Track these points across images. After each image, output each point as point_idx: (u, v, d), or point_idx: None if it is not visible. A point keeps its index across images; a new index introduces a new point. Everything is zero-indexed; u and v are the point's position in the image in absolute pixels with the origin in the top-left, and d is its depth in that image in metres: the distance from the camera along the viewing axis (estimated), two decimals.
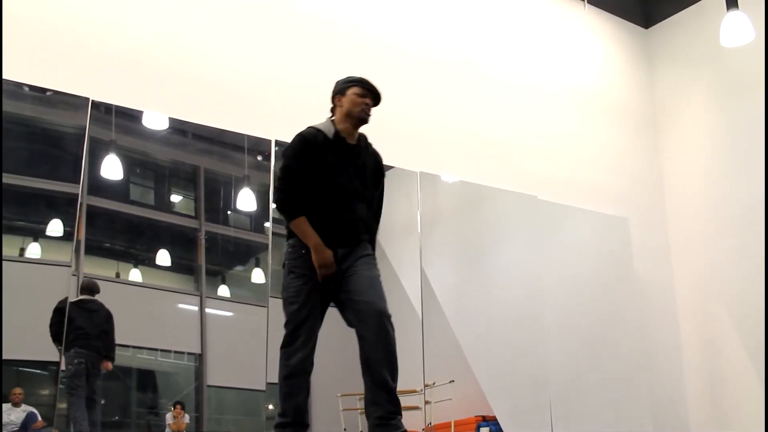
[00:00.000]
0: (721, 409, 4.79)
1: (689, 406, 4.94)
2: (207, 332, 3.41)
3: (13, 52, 3.00)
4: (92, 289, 3.06)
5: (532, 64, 4.81)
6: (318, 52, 3.94)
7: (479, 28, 4.59)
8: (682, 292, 5.17)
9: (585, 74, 5.07)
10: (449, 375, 3.71)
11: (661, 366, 4.84)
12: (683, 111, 5.44)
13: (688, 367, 5.03)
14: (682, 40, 5.48)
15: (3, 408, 2.78)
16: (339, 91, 2.46)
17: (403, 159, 3.97)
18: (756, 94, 4.84)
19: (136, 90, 3.33)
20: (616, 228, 4.82)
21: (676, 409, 4.88)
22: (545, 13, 5.03)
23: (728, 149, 5.06)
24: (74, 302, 2.96)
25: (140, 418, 3.32)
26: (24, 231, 3.06)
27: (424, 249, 3.96)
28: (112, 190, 3.35)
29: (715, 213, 5.03)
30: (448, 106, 4.34)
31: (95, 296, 3.05)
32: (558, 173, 4.75)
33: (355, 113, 2.40)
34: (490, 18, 4.75)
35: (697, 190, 5.22)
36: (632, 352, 4.54)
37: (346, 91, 2.43)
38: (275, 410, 3.54)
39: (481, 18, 4.63)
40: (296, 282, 2.29)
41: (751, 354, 4.63)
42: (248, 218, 3.81)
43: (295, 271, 2.30)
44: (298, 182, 2.30)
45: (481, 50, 4.61)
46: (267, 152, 3.63)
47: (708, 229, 5.06)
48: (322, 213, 2.30)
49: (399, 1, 4.39)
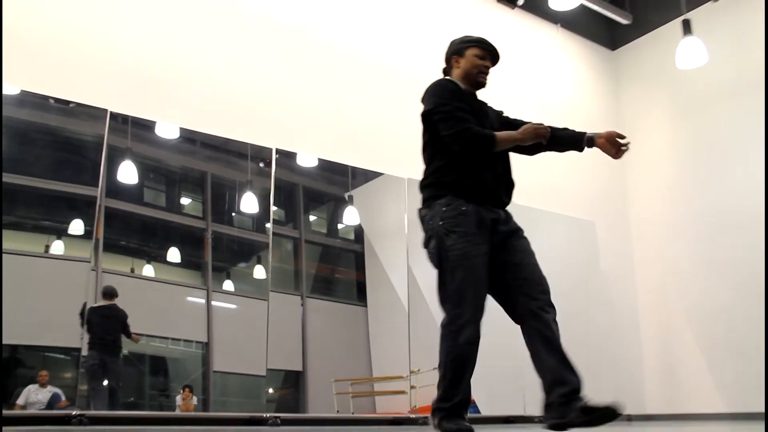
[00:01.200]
0: (674, 394, 5.06)
1: (647, 391, 5.20)
2: (213, 323, 3.55)
3: (40, 69, 3.17)
4: (111, 294, 3.17)
5: (509, 81, 4.99)
6: (314, 70, 4.11)
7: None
8: (643, 289, 5.42)
9: (557, 91, 5.28)
10: (433, 362, 3.79)
11: (623, 355, 5.08)
12: (645, 125, 5.66)
13: (646, 356, 5.29)
14: (644, 61, 5.72)
15: (31, 388, 2.96)
16: (456, 52, 2.14)
17: (391, 166, 4.17)
18: (710, 111, 5.16)
19: (150, 102, 3.47)
20: (584, 231, 5.04)
21: (636, 393, 5.13)
22: (522, 35, 5.25)
23: (685, 161, 5.33)
24: (93, 308, 3.06)
25: (153, 400, 3.47)
26: (49, 230, 3.20)
27: (411, 249, 4.05)
28: (127, 193, 3.47)
29: (673, 218, 5.30)
30: None
31: (114, 299, 3.16)
32: (532, 181, 4.96)
33: (473, 75, 2.09)
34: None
35: (657, 197, 5.47)
36: (597, 342, 4.66)
37: (465, 51, 2.11)
38: (275, 393, 3.75)
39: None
40: (461, 242, 1.88)
41: (702, 345, 4.94)
42: (251, 219, 3.94)
43: (457, 230, 1.90)
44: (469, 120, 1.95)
45: None
46: (268, 159, 3.77)
47: (666, 232, 5.32)
48: (471, 167, 1.95)
49: (392, 26, 4.59)
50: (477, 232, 1.91)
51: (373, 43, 4.48)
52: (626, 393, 4.90)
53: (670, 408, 5.01)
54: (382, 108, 4.36)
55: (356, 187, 4.35)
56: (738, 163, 4.97)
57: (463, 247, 1.88)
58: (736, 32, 5.07)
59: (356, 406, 3.80)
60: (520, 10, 5.30)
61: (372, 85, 4.38)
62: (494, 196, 2.00)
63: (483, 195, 1.96)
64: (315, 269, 4.36)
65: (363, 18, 4.50)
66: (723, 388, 4.76)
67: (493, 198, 1.99)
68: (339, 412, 3.68)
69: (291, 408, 3.77)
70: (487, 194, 1.97)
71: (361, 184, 4.35)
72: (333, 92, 4.17)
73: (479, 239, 1.91)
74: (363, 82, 4.35)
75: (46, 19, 3.30)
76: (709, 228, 5.02)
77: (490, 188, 1.98)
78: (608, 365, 4.82)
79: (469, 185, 1.95)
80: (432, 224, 1.95)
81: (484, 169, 1.97)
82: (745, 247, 4.79)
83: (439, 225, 1.92)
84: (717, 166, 5.08)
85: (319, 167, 4.16)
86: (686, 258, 5.15)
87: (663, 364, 5.23)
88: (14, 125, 3.10)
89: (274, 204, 3.82)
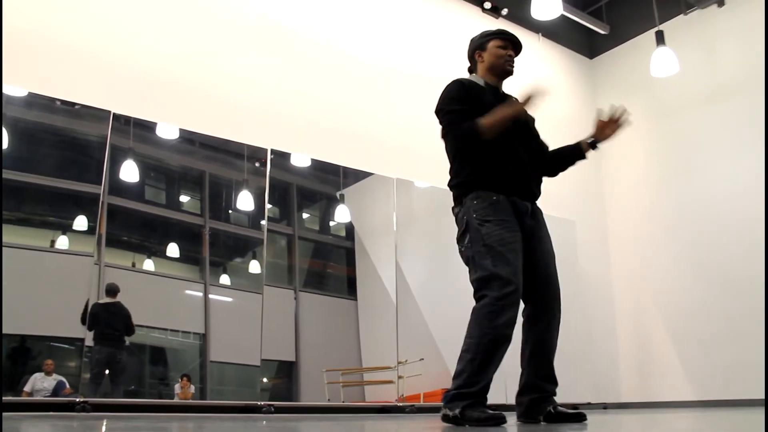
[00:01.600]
0: (647, 383, 5.23)
1: (622, 380, 5.36)
2: (210, 315, 3.56)
3: (48, 73, 3.26)
4: (115, 291, 3.21)
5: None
6: (308, 75, 4.22)
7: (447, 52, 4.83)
8: (619, 285, 5.57)
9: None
10: (419, 354, 3.96)
11: (599, 347, 5.25)
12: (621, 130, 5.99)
13: (622, 347, 5.45)
14: (620, 69, 5.90)
15: (37, 376, 3.01)
16: (478, 47, 2.13)
17: (381, 167, 4.28)
18: (682, 116, 5.34)
19: (151, 104, 3.54)
20: (565, 229, 5.09)
21: (612, 382, 5.30)
22: None
23: (659, 163, 5.50)
24: (98, 304, 3.09)
25: (153, 388, 3.47)
26: (54, 226, 3.21)
27: (399, 245, 4.18)
28: (129, 191, 3.48)
29: (647, 218, 5.46)
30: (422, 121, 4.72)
31: (116, 297, 3.20)
32: None
33: (499, 65, 2.08)
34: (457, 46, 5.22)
35: (633, 198, 5.63)
36: (576, 335, 4.75)
37: (486, 44, 2.11)
38: (269, 383, 3.73)
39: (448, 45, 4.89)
40: (497, 229, 1.85)
41: (673, 337, 5.11)
42: (247, 217, 3.96)
43: (491, 219, 1.88)
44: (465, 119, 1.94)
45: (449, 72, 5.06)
46: (263, 159, 3.83)
47: (641, 231, 5.48)
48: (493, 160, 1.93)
49: (383, 33, 4.68)
50: (512, 219, 1.89)
51: (365, 50, 4.58)
52: (603, 383, 5.15)
53: (644, 397, 5.16)
54: (372, 111, 4.47)
55: (347, 186, 4.40)
56: (708, 166, 5.12)
57: (500, 233, 1.85)
58: (705, 44, 5.26)
59: (346, 394, 3.85)
60: (504, 20, 5.44)
61: (364, 90, 4.49)
62: (522, 187, 1.97)
63: (511, 186, 1.93)
64: (308, 264, 4.35)
65: (356, 26, 4.61)
66: (692, 378, 4.93)
67: (521, 189, 1.96)
68: (330, 401, 3.72)
69: (284, 396, 3.78)
70: (515, 185, 1.94)
71: (352, 184, 4.40)
72: (326, 96, 4.28)
73: (515, 226, 1.89)
74: (355, 87, 4.45)
75: (55, 26, 3.38)
76: (680, 228, 5.18)
77: (517, 179, 1.95)
78: (587, 357, 4.95)
79: (496, 177, 1.92)
80: (465, 218, 1.92)
81: (507, 161, 1.95)
82: (713, 246, 4.94)
83: (473, 217, 1.90)
84: (689, 168, 5.24)
85: (312, 167, 4.21)
86: (659, 256, 5.30)
87: (637, 356, 5.36)
88: (23, 126, 3.16)
89: (268, 202, 3.86)
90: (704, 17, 5.32)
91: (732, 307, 4.77)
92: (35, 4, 3.36)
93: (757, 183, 4.73)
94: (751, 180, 4.80)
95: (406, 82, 4.70)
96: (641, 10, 5.52)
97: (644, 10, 5.41)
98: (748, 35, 4.99)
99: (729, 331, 4.76)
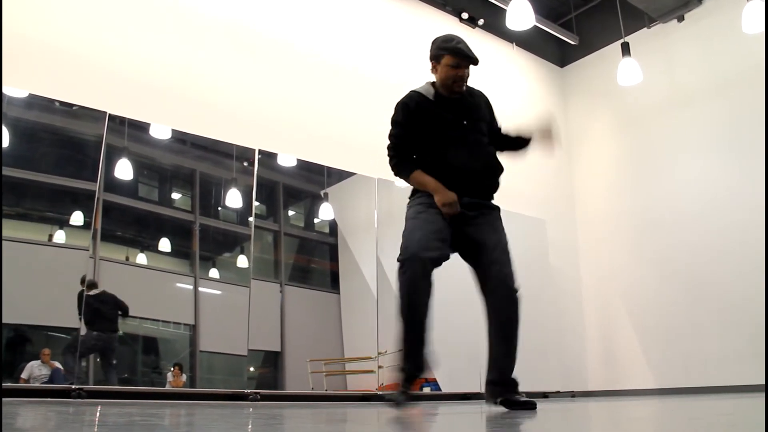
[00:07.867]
0: (613, 372, 5.44)
1: (589, 370, 5.56)
2: (200, 307, 3.63)
3: (47, 75, 3.35)
4: (95, 285, 3.24)
5: None
6: (294, 79, 4.36)
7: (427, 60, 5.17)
8: (587, 281, 5.78)
9: (511, 103, 5.48)
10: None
11: (568, 339, 5.43)
12: (590, 135, 6.03)
13: (589, 339, 5.65)
14: (589, 78, 6.13)
15: (34, 364, 3.08)
16: (434, 57, 2.15)
17: (363, 167, 4.38)
18: (646, 123, 5.57)
19: (145, 106, 3.63)
20: (536, 228, 5.28)
21: (579, 372, 5.49)
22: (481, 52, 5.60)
23: (625, 166, 5.72)
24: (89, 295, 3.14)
25: (145, 377, 3.56)
26: (52, 221, 3.29)
27: (380, 241, 4.25)
28: (123, 188, 3.55)
29: (614, 218, 5.67)
30: None
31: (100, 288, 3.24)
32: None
33: (447, 85, 2.12)
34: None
35: (601, 199, 5.85)
36: (547, 328, 4.96)
37: (441, 58, 2.12)
38: (255, 372, 3.80)
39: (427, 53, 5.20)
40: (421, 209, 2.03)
41: (637, 330, 5.32)
42: (235, 213, 4.02)
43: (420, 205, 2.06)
44: (407, 144, 2.07)
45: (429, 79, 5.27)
46: (251, 159, 3.91)
47: (608, 230, 5.69)
48: (439, 166, 2.04)
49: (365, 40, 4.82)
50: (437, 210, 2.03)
51: (349, 58, 4.73)
52: (571, 372, 5.33)
53: (609, 385, 5.37)
54: (355, 114, 4.59)
55: (331, 185, 4.48)
56: (669, 169, 5.36)
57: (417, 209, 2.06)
58: (666, 56, 5.52)
59: (329, 383, 3.94)
60: (480, 30, 5.64)
61: (347, 93, 4.62)
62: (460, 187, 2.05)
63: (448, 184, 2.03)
64: (293, 260, 4.43)
65: (340, 35, 4.76)
66: (653, 368, 5.16)
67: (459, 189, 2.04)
68: (313, 389, 3.80)
69: (270, 385, 3.85)
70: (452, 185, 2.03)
71: (336, 183, 4.48)
72: (311, 99, 4.42)
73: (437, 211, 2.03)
74: (338, 90, 4.59)
75: (54, 32, 3.48)
76: (643, 226, 5.39)
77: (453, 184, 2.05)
78: (556, 349, 5.12)
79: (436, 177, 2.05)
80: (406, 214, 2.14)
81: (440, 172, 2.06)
82: (673, 244, 5.18)
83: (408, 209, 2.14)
84: (651, 171, 5.47)
85: (297, 167, 4.30)
86: (624, 253, 5.51)
87: (603, 348, 5.57)
88: (23, 126, 3.25)
89: (256, 200, 3.92)
90: (666, 31, 5.58)
91: (691, 303, 4.99)
92: (36, 11, 3.46)
93: (716, 184, 4.98)
94: (711, 181, 5.04)
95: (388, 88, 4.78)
96: (608, 22, 5.75)
97: (611, 22, 5.64)
98: (705, 47, 5.28)
99: (688, 325, 4.99)
